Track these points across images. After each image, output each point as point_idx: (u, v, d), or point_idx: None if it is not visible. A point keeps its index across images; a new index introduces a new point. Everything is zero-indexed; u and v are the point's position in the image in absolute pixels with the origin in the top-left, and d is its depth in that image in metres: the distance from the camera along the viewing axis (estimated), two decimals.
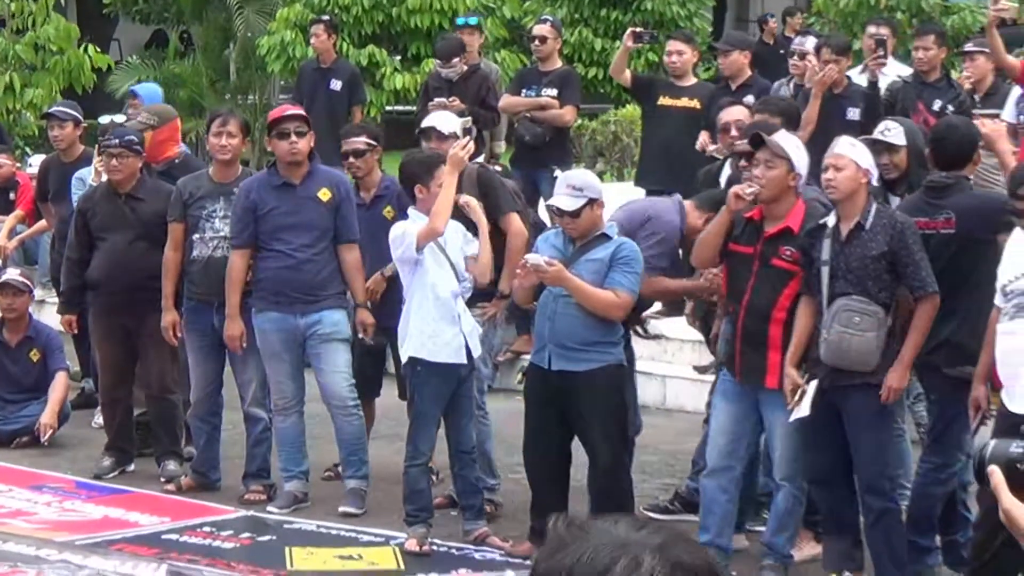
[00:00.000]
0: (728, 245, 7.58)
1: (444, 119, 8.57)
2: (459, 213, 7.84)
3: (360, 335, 8.22)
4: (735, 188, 7.44)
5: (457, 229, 7.85)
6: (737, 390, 7.61)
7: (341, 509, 8.19)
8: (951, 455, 7.40)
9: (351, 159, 8.53)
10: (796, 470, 7.57)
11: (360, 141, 8.54)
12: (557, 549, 2.08)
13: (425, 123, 8.58)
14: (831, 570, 7.46)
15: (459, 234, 7.88)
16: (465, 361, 7.74)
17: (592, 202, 7.49)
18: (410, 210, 7.80)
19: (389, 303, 8.24)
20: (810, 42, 10.82)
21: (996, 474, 2.80)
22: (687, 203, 8.12)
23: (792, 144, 7.46)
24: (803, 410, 7.35)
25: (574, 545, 2.06)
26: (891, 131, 7.90)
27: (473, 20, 13.39)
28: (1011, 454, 2.84)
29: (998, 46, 9.92)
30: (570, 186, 7.61)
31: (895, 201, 7.68)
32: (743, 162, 7.68)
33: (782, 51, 14.12)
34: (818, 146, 7.75)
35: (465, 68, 11.82)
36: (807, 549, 7.91)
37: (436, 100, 11.02)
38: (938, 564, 7.50)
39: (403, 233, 7.65)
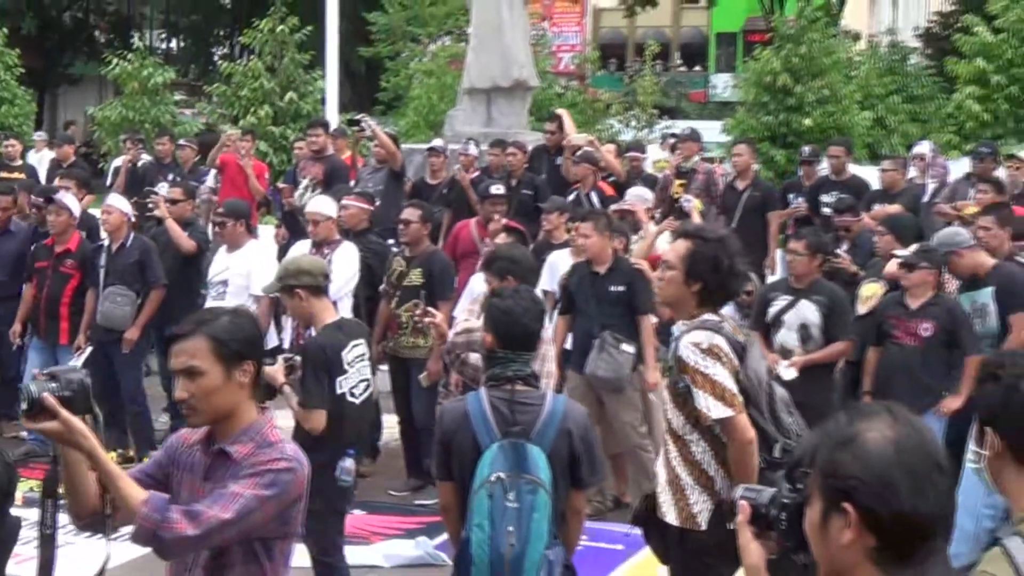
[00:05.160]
0: (35, 263, 9.79)
1: None
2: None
3: None
4: None
5: None
6: (42, 346, 9.90)
7: None
8: None
9: None
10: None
11: None
12: None
13: None
14: (110, 449, 8.78)
15: None
16: None
17: None
18: None
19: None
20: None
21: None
22: None
23: (70, 199, 9.80)
24: (78, 363, 8.93)
25: None
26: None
27: None
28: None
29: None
30: None
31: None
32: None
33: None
34: None
35: None
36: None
37: None
38: None
39: None
